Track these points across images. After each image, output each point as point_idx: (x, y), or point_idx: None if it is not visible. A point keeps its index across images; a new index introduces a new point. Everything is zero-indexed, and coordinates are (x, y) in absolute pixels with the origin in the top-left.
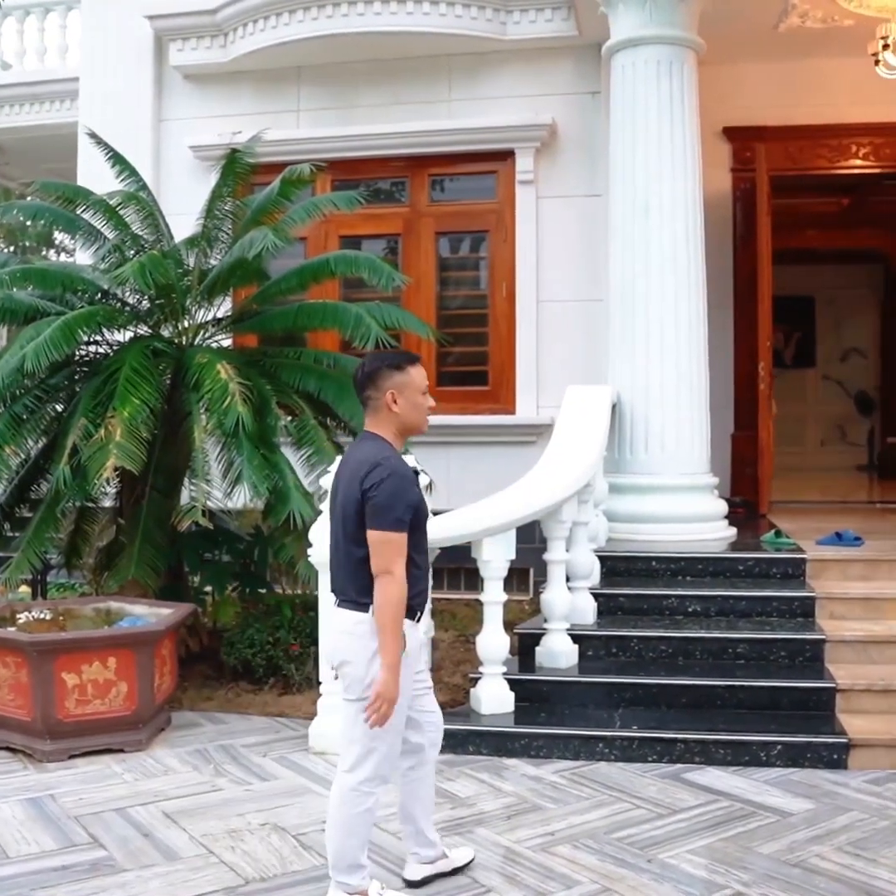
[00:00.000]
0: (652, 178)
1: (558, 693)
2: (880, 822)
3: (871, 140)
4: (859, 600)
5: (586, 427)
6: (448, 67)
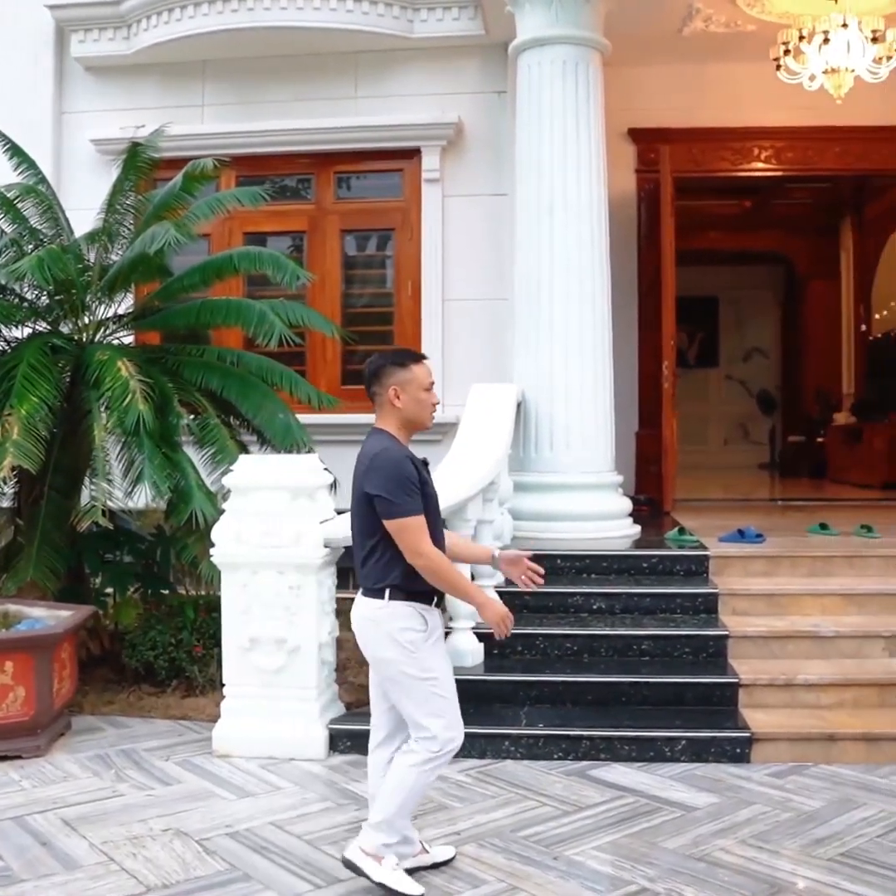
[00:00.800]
0: (557, 177)
1: (464, 692)
2: (782, 814)
3: (772, 143)
4: (761, 596)
5: (491, 426)
6: (355, 64)
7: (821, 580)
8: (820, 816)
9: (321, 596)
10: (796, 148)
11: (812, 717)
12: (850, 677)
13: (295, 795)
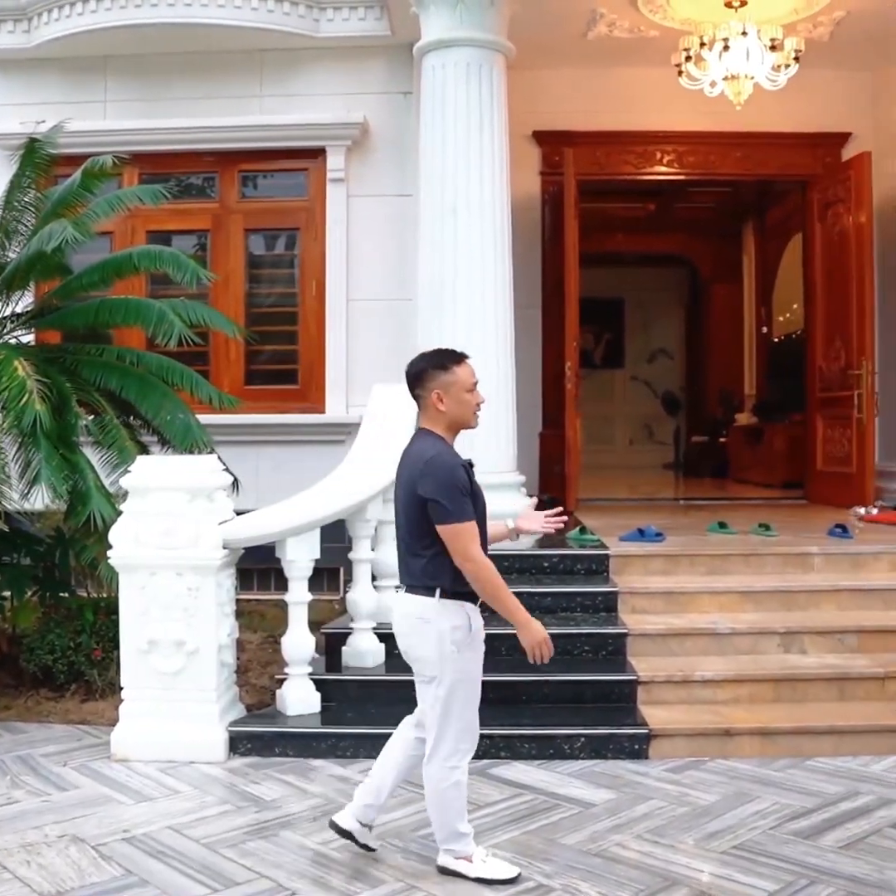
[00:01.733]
0: (460, 179)
1: (365, 692)
2: (679, 808)
3: (674, 148)
4: (660, 594)
5: (391, 426)
6: (260, 63)
7: (718, 578)
8: (715, 810)
9: (220, 597)
10: (698, 152)
11: (709, 712)
12: (745, 673)
13: (194, 799)
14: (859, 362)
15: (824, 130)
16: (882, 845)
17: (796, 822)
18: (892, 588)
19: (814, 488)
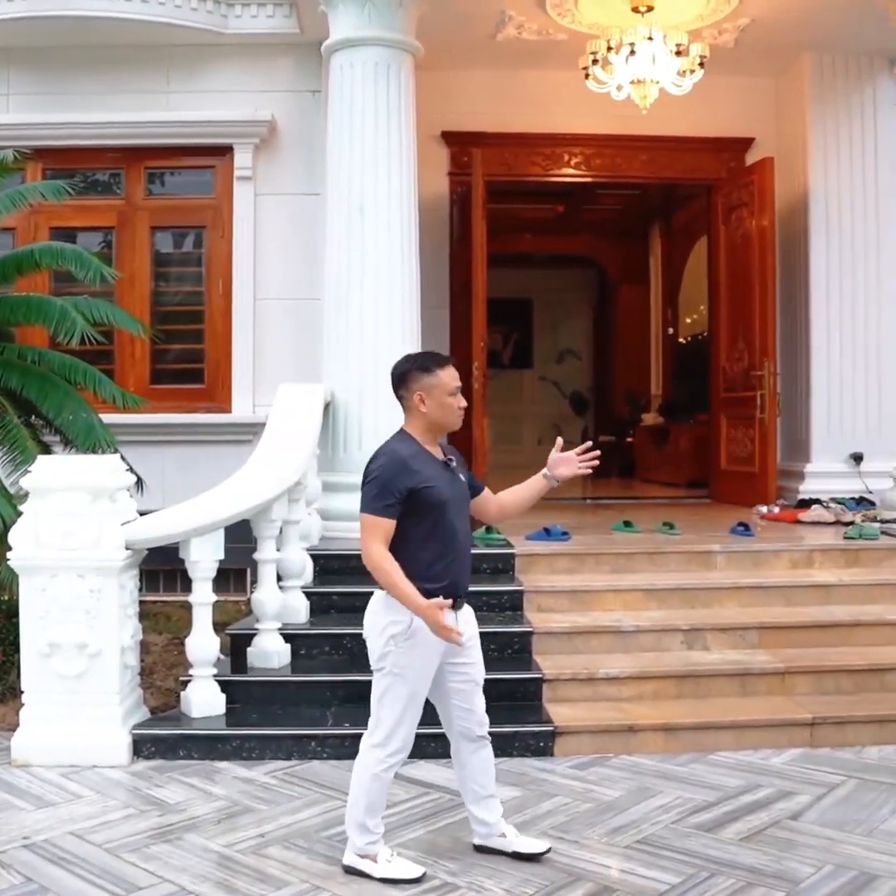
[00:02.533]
0: (368, 178)
1: (271, 693)
2: (583, 804)
3: (582, 150)
4: (566, 593)
5: (297, 426)
6: (167, 58)
7: (623, 576)
8: (619, 806)
9: (123, 599)
10: (605, 155)
11: (613, 709)
12: (649, 670)
13: (96, 803)
14: (762, 363)
15: (728, 136)
16: (780, 836)
17: (698, 815)
18: (792, 585)
19: (718, 487)
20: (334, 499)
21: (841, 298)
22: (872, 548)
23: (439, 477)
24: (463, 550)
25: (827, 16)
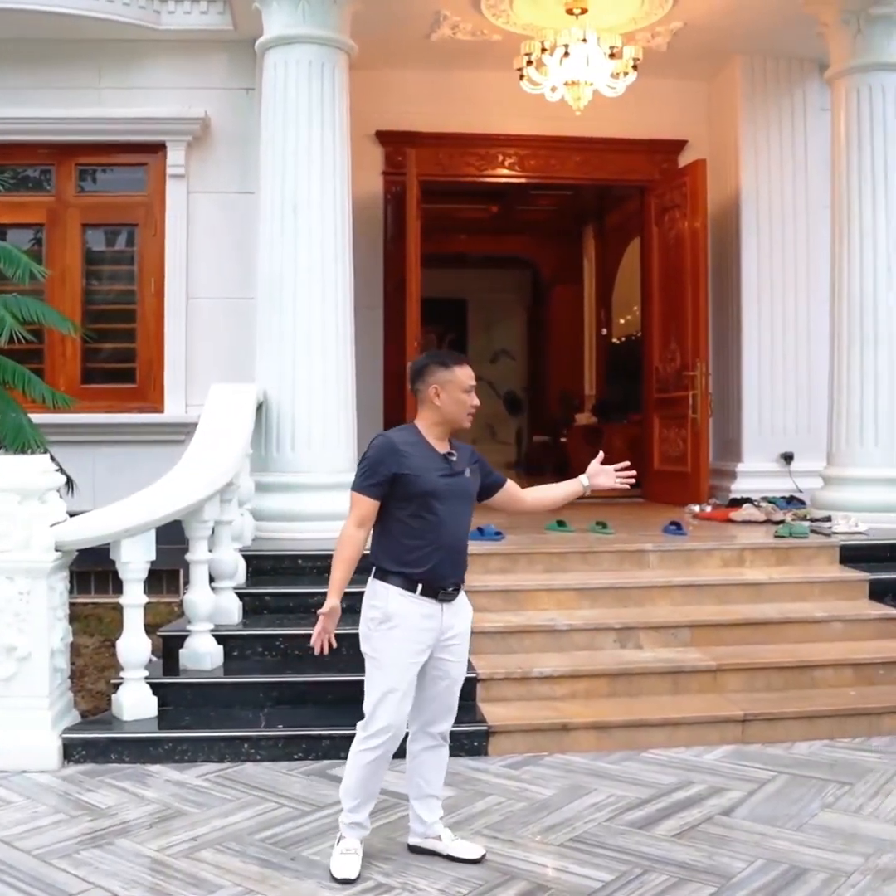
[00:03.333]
0: (301, 177)
1: (203, 695)
2: (517, 804)
3: (516, 151)
4: (499, 592)
5: (229, 426)
6: (100, 53)
7: (556, 576)
8: (552, 804)
9: (52, 601)
10: (539, 156)
11: (546, 708)
12: (582, 669)
13: (25, 809)
14: (694, 364)
15: (661, 137)
16: (713, 832)
17: (631, 813)
18: (723, 583)
19: (651, 487)
20: (267, 499)
21: (772, 299)
22: (802, 546)
23: (431, 468)
24: (449, 542)
25: (758, 20)
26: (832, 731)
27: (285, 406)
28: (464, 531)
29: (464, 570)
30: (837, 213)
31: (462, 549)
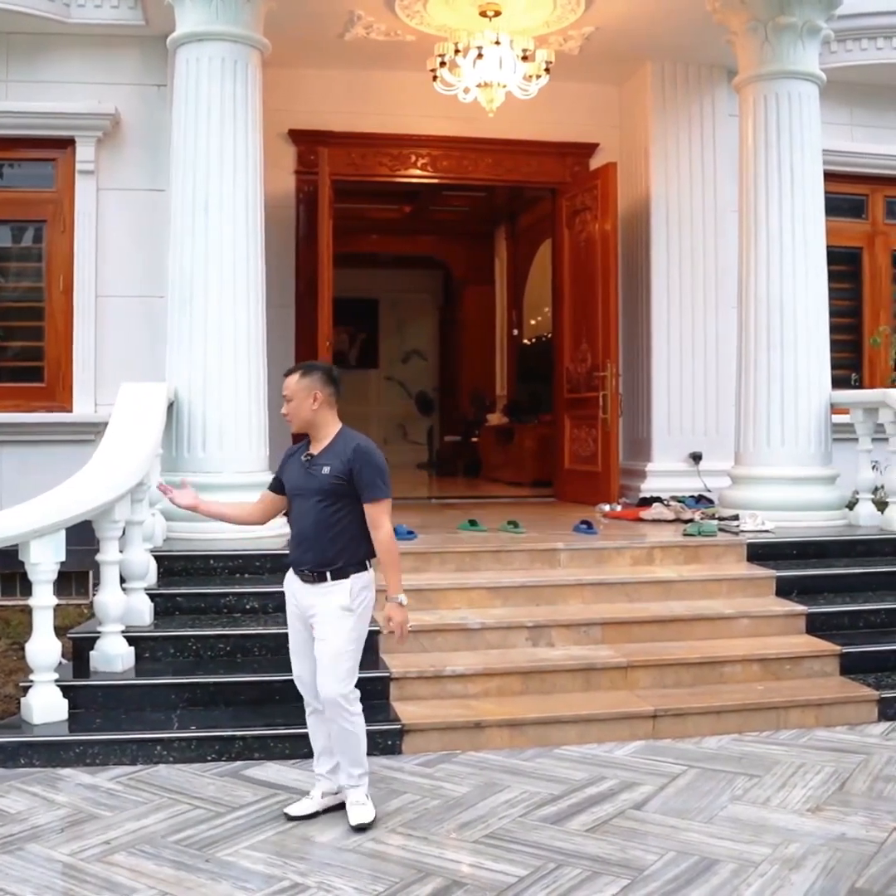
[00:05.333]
0: (213, 175)
1: (114, 697)
2: (431, 801)
3: (429, 151)
4: (411, 592)
5: (139, 425)
6: (6, 45)
7: (468, 575)
8: (466, 801)
9: None
10: (451, 157)
11: (460, 706)
12: (495, 667)
13: None
14: (605, 364)
15: (573, 140)
16: (625, 826)
17: (544, 808)
18: (633, 581)
19: (562, 486)
20: None
21: (681, 301)
22: (711, 544)
23: (290, 463)
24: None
25: (668, 27)
26: (740, 725)
27: (196, 405)
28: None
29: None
30: (745, 217)
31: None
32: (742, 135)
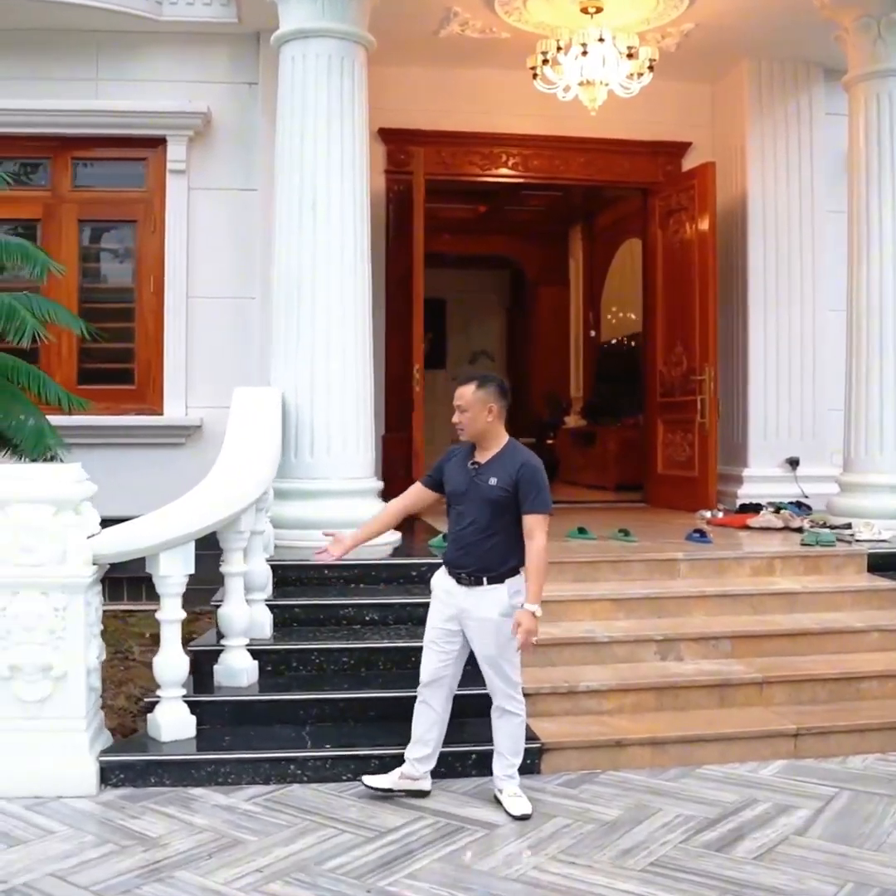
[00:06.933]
0: (320, 173)
1: (242, 713)
2: (585, 825)
3: (520, 151)
4: None
5: (260, 431)
6: (97, 44)
7: (588, 586)
8: (621, 825)
9: (89, 617)
10: (543, 156)
11: (595, 723)
12: (629, 682)
13: (71, 839)
14: (702, 368)
15: (666, 139)
16: (793, 854)
17: (704, 834)
18: (757, 593)
19: (654, 491)
20: (286, 506)
21: (777, 304)
22: (830, 554)
23: (449, 465)
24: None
25: (770, 22)
26: (883, 744)
27: (304, 410)
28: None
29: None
30: (856, 220)
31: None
32: (852, 134)
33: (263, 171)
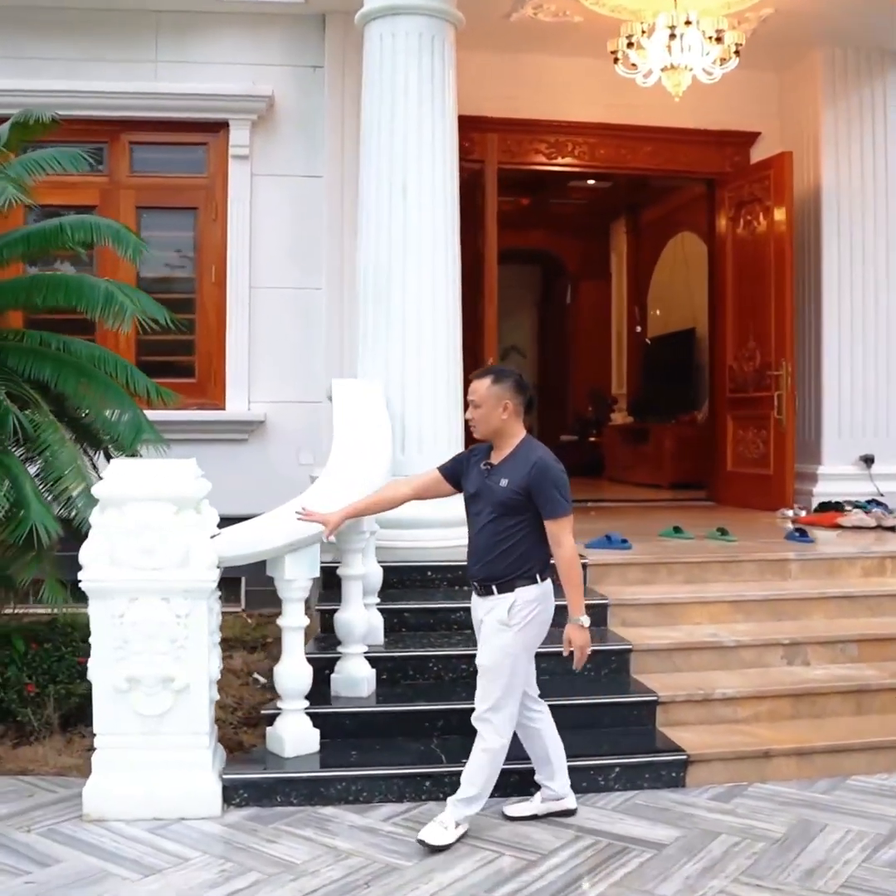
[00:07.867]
0: (411, 157)
1: (364, 726)
2: (755, 844)
3: (586, 139)
4: (649, 606)
5: (371, 427)
6: (156, 24)
7: (701, 587)
8: (793, 843)
9: (211, 625)
10: (609, 145)
11: (735, 733)
12: (764, 689)
13: (210, 867)
14: (778, 363)
15: (734, 129)
16: None
17: (883, 851)
18: (873, 594)
19: (723, 489)
20: None
21: (852, 297)
22: None
23: (470, 467)
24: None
25: (844, 9)
26: None
27: (395, 405)
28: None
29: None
30: None
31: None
32: None
33: (329, 157)
